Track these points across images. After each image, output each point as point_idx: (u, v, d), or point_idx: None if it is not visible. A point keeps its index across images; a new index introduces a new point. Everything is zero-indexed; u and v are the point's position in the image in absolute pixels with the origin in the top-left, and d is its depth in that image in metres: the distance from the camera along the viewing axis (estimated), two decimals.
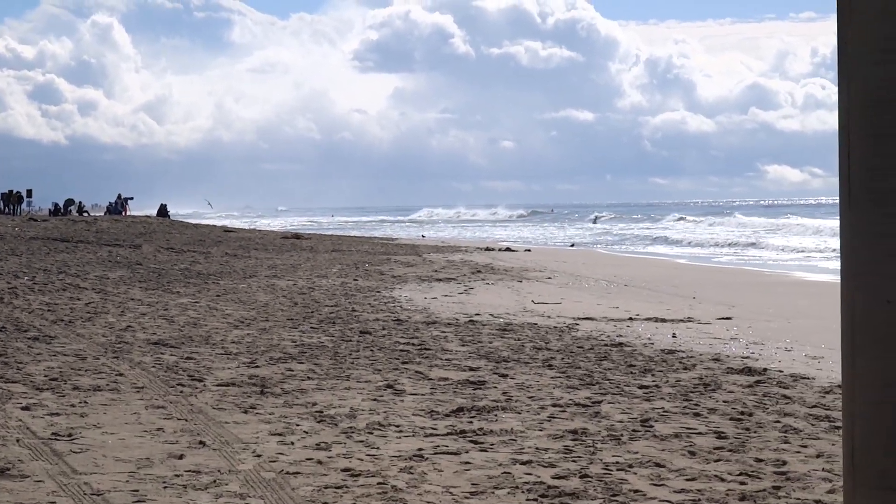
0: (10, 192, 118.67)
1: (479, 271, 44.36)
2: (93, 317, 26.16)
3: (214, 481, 11.74)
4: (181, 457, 12.77)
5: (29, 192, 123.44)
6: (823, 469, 12.02)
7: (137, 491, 11.33)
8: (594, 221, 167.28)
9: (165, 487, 11.50)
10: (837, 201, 7.30)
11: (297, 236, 77.95)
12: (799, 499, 11.15)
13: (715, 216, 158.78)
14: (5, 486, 11.58)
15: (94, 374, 18.15)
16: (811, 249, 73.46)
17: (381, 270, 43.80)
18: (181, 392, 16.70)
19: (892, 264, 8.00)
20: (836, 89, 7.91)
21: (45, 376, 17.94)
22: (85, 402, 15.90)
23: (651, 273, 47.62)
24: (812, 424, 14.31)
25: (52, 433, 13.92)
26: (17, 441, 13.49)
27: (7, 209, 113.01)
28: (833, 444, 12.73)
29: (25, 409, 15.34)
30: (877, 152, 8.38)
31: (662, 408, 15.45)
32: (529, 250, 68.40)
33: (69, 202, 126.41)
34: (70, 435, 13.82)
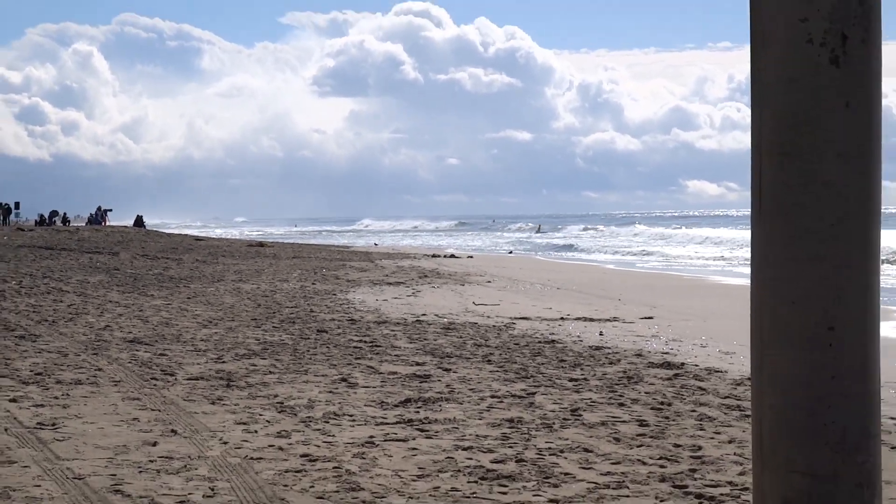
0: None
1: (425, 276, 44.47)
2: (74, 317, 26.11)
3: (185, 466, 11.75)
4: (155, 444, 12.78)
5: (17, 205, 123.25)
6: (735, 454, 12.12)
7: (115, 475, 11.32)
8: (538, 231, 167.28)
9: (140, 472, 11.50)
10: (749, 212, 7.46)
11: (260, 244, 77.85)
12: (713, 480, 11.24)
13: (618, 227, 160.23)
14: None
15: (75, 370, 18.13)
16: (691, 256, 74.40)
17: (336, 275, 43.87)
18: (154, 385, 16.69)
19: (796, 269, 8.12)
20: (749, 112, 7.99)
21: (31, 371, 17.91)
22: (67, 394, 15.88)
23: (581, 277, 47.86)
24: (725, 413, 14.43)
25: (38, 423, 13.90)
26: (6, 430, 13.46)
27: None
28: (744, 431, 12.83)
29: (13, 401, 15.31)
30: (784, 169, 8.45)
31: (590, 398, 15.53)
32: (472, 256, 68.60)
33: (53, 213, 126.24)
34: (54, 424, 13.80)
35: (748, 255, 8.25)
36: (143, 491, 10.76)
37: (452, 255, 67.81)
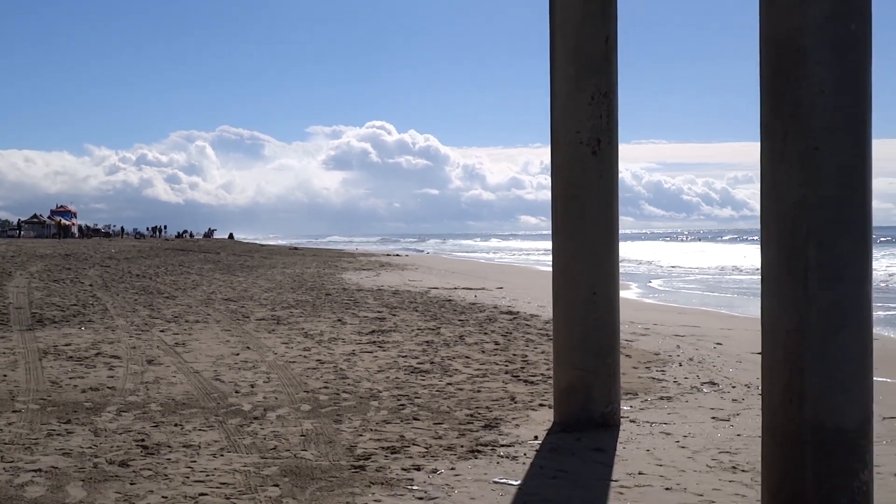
0: (156, 227, 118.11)
1: (383, 266, 44.23)
2: (195, 287, 25.89)
3: (253, 366, 11.79)
4: (238, 354, 12.80)
5: (165, 227, 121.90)
6: (544, 360, 12.19)
7: (216, 371, 11.39)
8: (444, 241, 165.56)
9: (230, 369, 11.55)
10: (551, 231, 7.40)
11: (295, 248, 77.11)
12: (533, 373, 11.36)
13: (482, 241, 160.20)
14: (152, 369, 11.57)
15: (195, 315, 18.02)
16: (524, 252, 74.64)
17: (335, 265, 43.55)
18: (238, 323, 16.64)
19: (574, 262, 8.54)
20: (550, 179, 8.05)
21: (171, 315, 17.81)
22: (191, 328, 15.84)
23: (466, 266, 47.75)
24: (539, 338, 14.48)
25: (175, 343, 13.87)
26: (157, 347, 13.42)
27: (154, 235, 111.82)
28: (549, 348, 12.92)
29: (162, 331, 15.26)
30: (568, 207, 8.60)
31: (469, 330, 15.56)
32: (408, 255, 68.41)
33: (184, 231, 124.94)
34: (183, 344, 13.78)
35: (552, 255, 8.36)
36: (231, 379, 10.82)
37: (398, 255, 67.63)
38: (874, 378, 5.54)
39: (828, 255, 5.25)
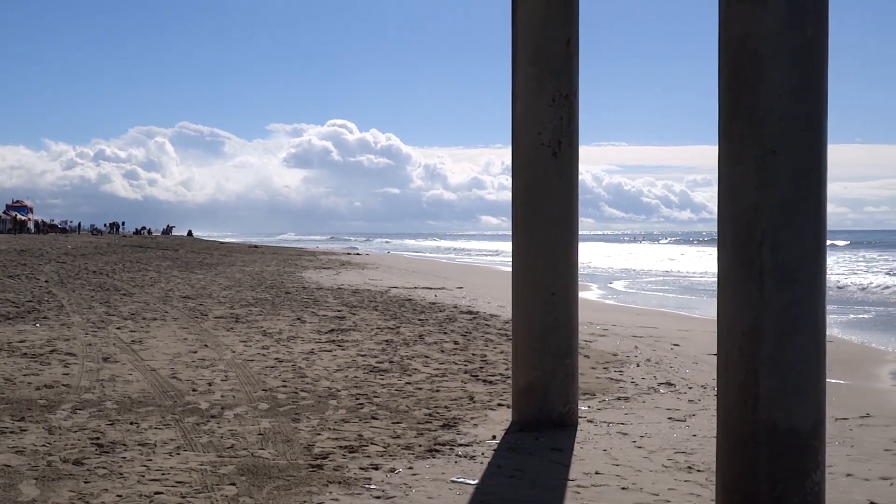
0: (114, 223, 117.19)
1: (343, 264, 44.11)
2: (153, 284, 25.69)
3: (211, 364, 11.69)
4: (195, 352, 12.68)
5: (123, 224, 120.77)
6: (503, 359, 12.21)
7: (174, 369, 11.27)
8: (390, 241, 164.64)
9: (187, 367, 11.45)
10: (511, 231, 7.35)
11: (255, 246, 76.66)
12: (492, 372, 11.38)
13: (445, 241, 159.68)
14: (108, 366, 11.44)
15: (153, 312, 17.85)
16: (482, 254, 74.60)
17: (296, 263, 43.40)
18: (196, 321, 16.50)
19: (534, 263, 8.52)
20: (511, 180, 8.05)
21: (129, 312, 17.62)
22: (148, 325, 15.67)
23: (426, 266, 47.72)
24: (498, 338, 14.50)
25: (132, 340, 13.72)
26: (114, 344, 13.27)
27: (111, 231, 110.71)
28: (508, 347, 12.93)
29: (118, 328, 15.10)
30: (528, 207, 8.62)
31: (428, 330, 15.55)
32: (368, 254, 68.25)
33: (142, 228, 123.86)
34: (140, 341, 13.63)
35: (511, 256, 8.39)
36: (188, 377, 10.72)
37: (358, 253, 67.37)
38: (827, 379, 5.62)
39: (783, 258, 5.31)
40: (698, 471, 7.08)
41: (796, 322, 5.33)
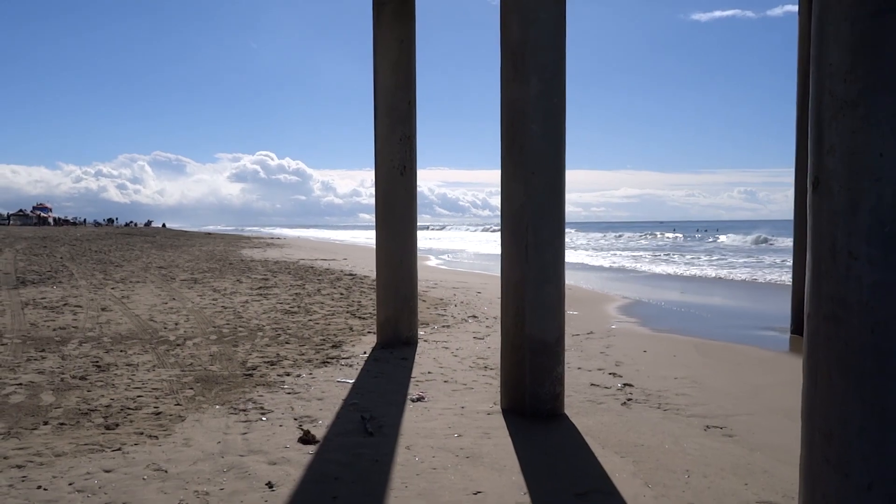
0: (110, 219, 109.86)
1: (268, 245, 42.64)
2: (137, 259, 24.18)
3: (177, 311, 11.12)
4: (166, 303, 12.03)
5: (116, 219, 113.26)
6: (372, 304, 11.98)
7: (151, 315, 10.64)
8: (290, 228, 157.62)
9: (161, 313, 10.84)
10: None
11: (209, 234, 73.22)
12: (364, 313, 11.14)
13: (322, 230, 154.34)
14: (105, 314, 10.74)
15: (137, 278, 16.81)
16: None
17: (236, 245, 41.73)
18: (167, 282, 15.65)
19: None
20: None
21: (120, 278, 16.52)
22: (133, 286, 14.76)
23: (323, 246, 46.51)
24: (370, 290, 14.19)
25: (121, 296, 12.90)
26: (109, 299, 12.46)
27: (108, 224, 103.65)
28: (374, 296, 12.86)
29: (112, 288, 14.16)
30: (385, 208, 8.46)
31: (324, 286, 15.17)
32: (285, 239, 66.09)
33: (130, 222, 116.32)
34: (128, 297, 12.84)
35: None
36: (161, 320, 10.16)
37: (278, 238, 65.05)
38: (566, 311, 5.86)
39: (538, 237, 5.47)
40: (490, 369, 7.25)
41: (547, 277, 5.51)
